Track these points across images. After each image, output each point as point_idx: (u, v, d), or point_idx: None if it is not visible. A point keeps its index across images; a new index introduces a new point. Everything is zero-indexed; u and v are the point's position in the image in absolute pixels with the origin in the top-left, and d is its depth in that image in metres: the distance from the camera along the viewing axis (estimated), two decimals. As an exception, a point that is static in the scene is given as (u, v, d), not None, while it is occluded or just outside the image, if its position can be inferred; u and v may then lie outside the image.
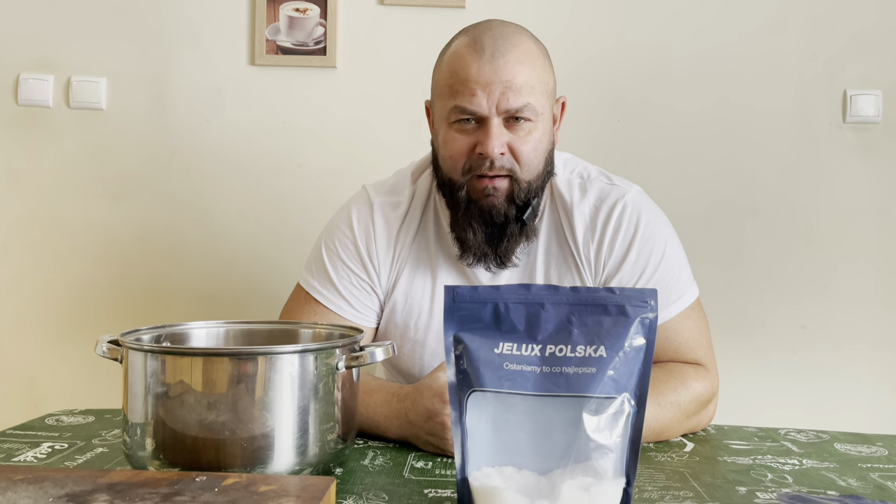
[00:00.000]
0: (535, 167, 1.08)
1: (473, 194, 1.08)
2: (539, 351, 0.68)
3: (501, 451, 0.67)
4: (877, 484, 0.86)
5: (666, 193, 1.80)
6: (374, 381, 1.06)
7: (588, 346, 0.68)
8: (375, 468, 0.89)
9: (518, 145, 1.05)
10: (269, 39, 1.87)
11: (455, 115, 1.06)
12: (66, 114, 1.90)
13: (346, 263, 1.18)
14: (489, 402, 0.67)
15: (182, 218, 1.91)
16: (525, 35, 1.09)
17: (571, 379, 0.67)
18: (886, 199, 1.87)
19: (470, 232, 1.10)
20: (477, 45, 1.04)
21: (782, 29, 1.86)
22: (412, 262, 1.18)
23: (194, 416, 0.77)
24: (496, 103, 1.03)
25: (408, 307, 1.18)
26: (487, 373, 0.67)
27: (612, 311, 0.68)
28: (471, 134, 1.06)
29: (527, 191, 1.08)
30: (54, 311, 1.91)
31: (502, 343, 0.68)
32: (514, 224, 1.09)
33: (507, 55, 1.03)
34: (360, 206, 1.20)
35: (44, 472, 0.68)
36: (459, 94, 1.04)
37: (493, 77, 1.02)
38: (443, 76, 1.08)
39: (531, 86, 1.04)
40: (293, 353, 0.80)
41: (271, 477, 0.68)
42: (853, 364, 1.87)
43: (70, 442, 0.98)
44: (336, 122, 1.89)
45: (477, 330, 0.69)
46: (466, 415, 0.67)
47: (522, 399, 0.67)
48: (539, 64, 1.07)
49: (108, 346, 0.86)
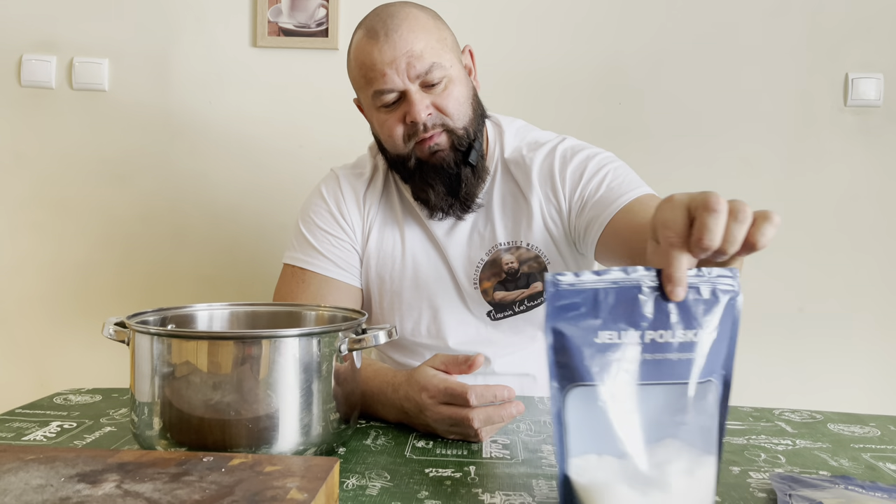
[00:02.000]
0: (465, 114, 1.17)
1: (422, 157, 1.17)
2: (639, 338, 0.65)
3: (602, 444, 0.64)
4: (868, 464, 0.87)
5: (666, 176, 1.81)
6: (371, 367, 1.07)
7: (687, 330, 0.65)
8: (377, 448, 0.91)
9: (441, 101, 1.14)
10: (271, 21, 1.87)
11: (378, 99, 1.15)
12: (68, 95, 1.91)
13: (323, 228, 1.27)
14: (591, 396, 0.64)
15: (185, 199, 1.92)
16: (410, 7, 1.17)
17: (674, 365, 0.64)
18: (887, 183, 1.87)
19: (430, 191, 1.20)
20: (371, 33, 1.14)
21: (784, 12, 1.86)
22: (380, 218, 1.28)
23: (200, 396, 0.79)
24: (406, 74, 1.12)
25: (381, 260, 1.27)
26: (589, 365, 0.64)
27: (703, 292, 0.66)
28: (398, 109, 1.15)
29: (464, 136, 1.17)
30: (59, 291, 1.93)
31: (602, 332, 0.64)
32: (465, 168, 1.19)
33: (399, 29, 1.12)
34: (328, 181, 1.32)
35: (54, 451, 0.70)
36: (373, 80, 1.14)
37: (394, 53, 1.11)
38: (354, 71, 1.18)
39: (430, 47, 1.13)
40: (297, 336, 0.81)
41: (276, 457, 0.69)
42: (850, 346, 1.89)
43: (78, 421, 1.00)
44: (338, 103, 1.89)
45: (576, 319, 0.65)
46: (567, 411, 0.64)
47: (625, 390, 0.64)
48: (431, 26, 1.15)
49: (115, 328, 0.87)
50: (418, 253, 1.27)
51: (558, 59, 1.87)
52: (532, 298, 1.25)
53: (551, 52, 1.88)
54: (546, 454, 0.89)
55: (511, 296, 1.25)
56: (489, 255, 1.25)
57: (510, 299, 1.25)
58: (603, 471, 0.63)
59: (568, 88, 1.88)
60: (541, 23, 1.88)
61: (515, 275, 1.24)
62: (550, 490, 0.77)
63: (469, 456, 0.88)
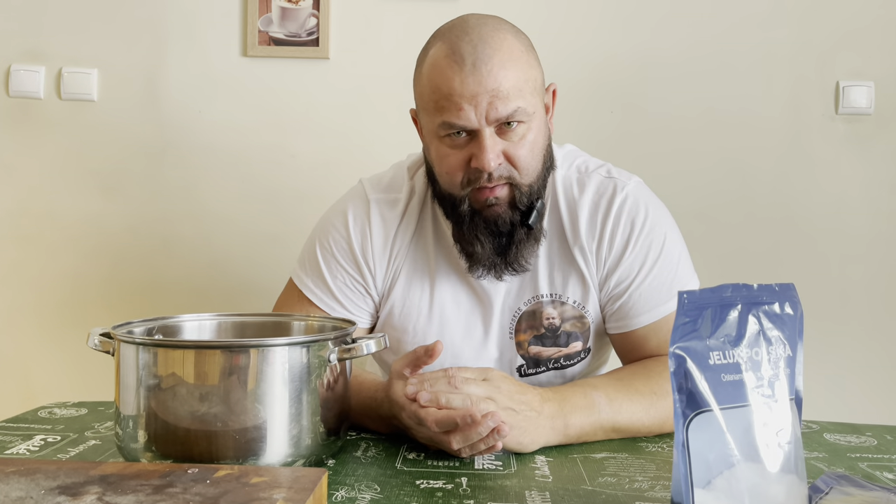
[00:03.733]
0: (535, 169, 1.04)
1: (476, 205, 1.05)
2: (740, 357, 0.64)
3: (716, 471, 0.62)
4: (865, 474, 0.86)
5: (658, 185, 1.80)
6: (356, 379, 1.04)
7: (778, 346, 0.66)
8: (368, 459, 0.89)
9: (514, 151, 1.01)
10: (261, 30, 1.86)
11: (444, 130, 1.01)
12: (57, 105, 1.89)
13: (341, 264, 1.14)
14: (710, 422, 0.62)
15: (175, 210, 1.90)
16: (504, 31, 1.02)
17: (773, 383, 0.64)
18: (878, 190, 1.87)
19: (478, 245, 1.06)
20: (456, 56, 0.98)
21: (775, 20, 1.86)
22: (410, 263, 1.15)
23: (186, 408, 0.77)
24: (485, 114, 0.98)
25: (406, 310, 1.15)
26: (708, 389, 0.63)
27: (783, 306, 0.67)
28: (463, 147, 1.02)
29: (528, 194, 1.04)
30: (47, 303, 1.91)
31: (712, 353, 0.63)
32: (520, 229, 1.06)
33: (490, 62, 0.97)
34: (357, 204, 1.16)
35: (36, 464, 0.68)
36: (445, 109, 0.99)
37: (477, 88, 0.97)
38: (425, 90, 1.03)
39: (518, 88, 0.99)
40: (285, 345, 0.80)
41: (263, 468, 0.68)
42: (844, 354, 1.88)
43: (63, 434, 0.98)
44: (329, 113, 1.89)
45: (693, 341, 0.64)
46: (690, 440, 0.61)
47: (738, 413, 0.63)
48: (524, 61, 1.02)
49: (100, 338, 0.86)
50: (447, 306, 1.14)
51: (550, 68, 1.86)
52: (568, 358, 1.14)
53: (543, 60, 1.87)
54: (539, 465, 0.88)
55: (547, 352, 1.13)
56: (528, 305, 1.12)
57: (545, 356, 1.13)
58: (726, 499, 0.61)
59: (560, 97, 1.87)
60: (533, 32, 1.87)
61: (555, 331, 1.13)
62: (543, 501, 0.75)
63: (461, 467, 0.86)
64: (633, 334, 1.11)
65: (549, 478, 0.83)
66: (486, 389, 0.89)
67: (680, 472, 0.61)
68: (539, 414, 0.92)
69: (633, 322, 1.11)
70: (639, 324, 1.10)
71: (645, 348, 1.12)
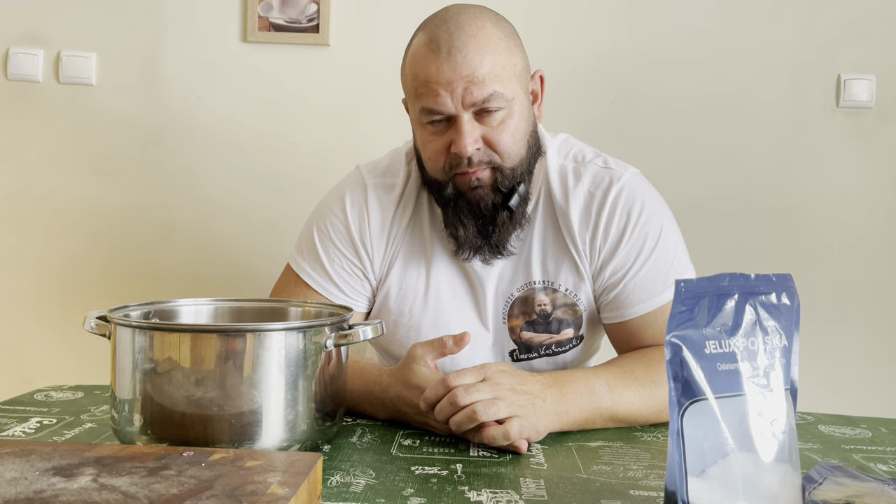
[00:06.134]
0: (517, 153, 1.05)
1: (462, 188, 1.06)
2: (736, 346, 0.64)
3: (710, 459, 0.62)
4: (860, 465, 0.86)
5: (658, 177, 1.80)
6: (356, 365, 1.04)
7: (774, 336, 0.65)
8: (363, 445, 0.89)
9: (493, 136, 1.03)
10: (261, 16, 1.85)
11: (425, 116, 1.04)
12: (55, 89, 1.88)
13: (339, 248, 1.15)
14: (705, 411, 0.62)
15: (173, 195, 1.90)
16: (483, 19, 1.03)
17: (769, 373, 0.64)
18: (878, 184, 1.87)
19: (461, 227, 1.08)
20: (433, 44, 1.01)
21: (777, 13, 1.86)
22: (406, 247, 1.16)
23: (182, 392, 0.77)
24: (461, 99, 1.00)
25: (402, 293, 1.16)
26: (704, 378, 0.62)
27: (780, 296, 0.66)
28: (444, 133, 1.04)
29: (511, 177, 1.06)
30: (44, 288, 1.91)
31: (708, 342, 0.63)
32: (502, 212, 1.07)
33: (465, 48, 0.99)
34: (354, 189, 1.17)
35: (31, 445, 0.68)
36: (424, 95, 1.02)
37: (452, 74, 0.99)
38: (407, 79, 1.06)
39: (495, 73, 1.00)
40: (282, 330, 0.80)
41: (258, 452, 0.68)
42: (841, 347, 1.88)
43: (59, 417, 0.98)
44: (329, 100, 1.88)
45: (689, 329, 0.63)
46: (685, 429, 0.62)
47: (733, 402, 0.63)
48: (502, 47, 1.02)
49: (97, 321, 0.86)
50: (443, 289, 1.15)
51: (551, 59, 1.86)
52: (560, 345, 1.15)
53: (544, 51, 1.87)
54: (534, 452, 0.88)
55: (539, 338, 1.14)
56: (521, 291, 1.14)
57: (537, 342, 1.15)
58: (719, 490, 0.61)
59: (560, 88, 1.87)
60: (534, 22, 1.87)
61: (547, 318, 1.14)
62: (538, 488, 0.75)
63: (456, 454, 0.87)
64: (627, 324, 1.12)
65: (544, 465, 0.83)
66: (489, 391, 0.88)
67: (674, 461, 0.61)
68: (544, 401, 0.92)
69: (629, 312, 1.11)
70: (634, 314, 1.11)
71: (640, 338, 1.12)
